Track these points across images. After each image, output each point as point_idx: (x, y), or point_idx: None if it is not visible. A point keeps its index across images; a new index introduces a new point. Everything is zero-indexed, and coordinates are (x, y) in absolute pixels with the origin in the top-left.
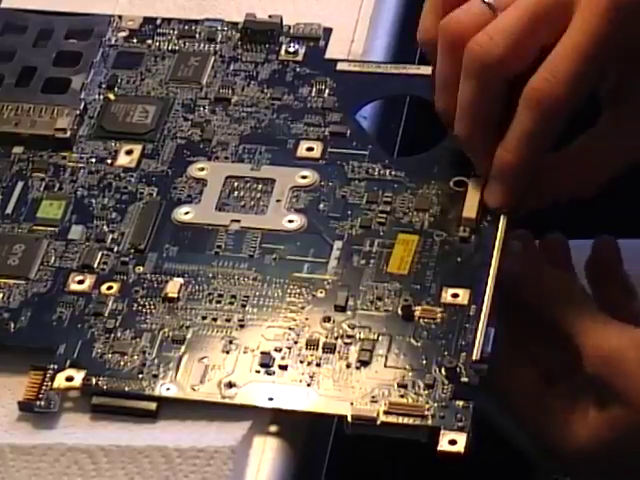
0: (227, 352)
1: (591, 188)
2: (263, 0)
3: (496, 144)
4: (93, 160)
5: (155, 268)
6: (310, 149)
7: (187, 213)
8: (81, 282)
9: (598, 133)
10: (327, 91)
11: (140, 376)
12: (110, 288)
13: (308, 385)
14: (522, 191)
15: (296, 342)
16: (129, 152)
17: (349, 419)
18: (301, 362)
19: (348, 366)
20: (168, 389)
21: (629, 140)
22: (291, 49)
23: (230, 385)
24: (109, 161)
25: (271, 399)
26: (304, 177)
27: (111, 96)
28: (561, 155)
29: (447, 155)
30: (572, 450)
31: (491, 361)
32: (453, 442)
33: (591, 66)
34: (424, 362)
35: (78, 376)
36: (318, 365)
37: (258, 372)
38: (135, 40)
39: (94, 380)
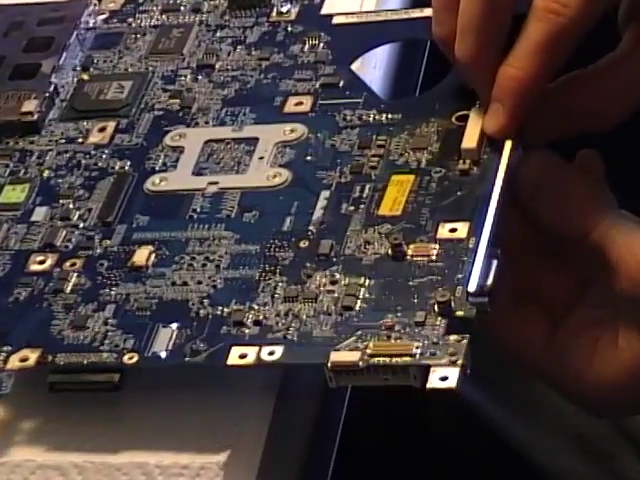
0: (197, 314)
1: (611, 116)
2: None
3: None
4: (63, 141)
5: (123, 240)
6: (299, 104)
7: (161, 181)
8: (42, 262)
9: (620, 54)
10: (321, 45)
11: (101, 348)
12: (73, 265)
13: (284, 337)
14: (526, 114)
15: (273, 296)
16: (102, 129)
17: (329, 366)
18: (277, 315)
19: (329, 314)
20: (131, 358)
21: None
22: (283, 9)
23: (199, 347)
24: (80, 140)
25: (243, 356)
26: (291, 131)
27: (85, 77)
28: (575, 76)
29: (450, 91)
30: (604, 384)
31: (493, 297)
32: (444, 379)
33: None
34: (416, 301)
35: (33, 356)
36: (296, 316)
37: (230, 331)
38: (115, 20)
39: (50, 358)
